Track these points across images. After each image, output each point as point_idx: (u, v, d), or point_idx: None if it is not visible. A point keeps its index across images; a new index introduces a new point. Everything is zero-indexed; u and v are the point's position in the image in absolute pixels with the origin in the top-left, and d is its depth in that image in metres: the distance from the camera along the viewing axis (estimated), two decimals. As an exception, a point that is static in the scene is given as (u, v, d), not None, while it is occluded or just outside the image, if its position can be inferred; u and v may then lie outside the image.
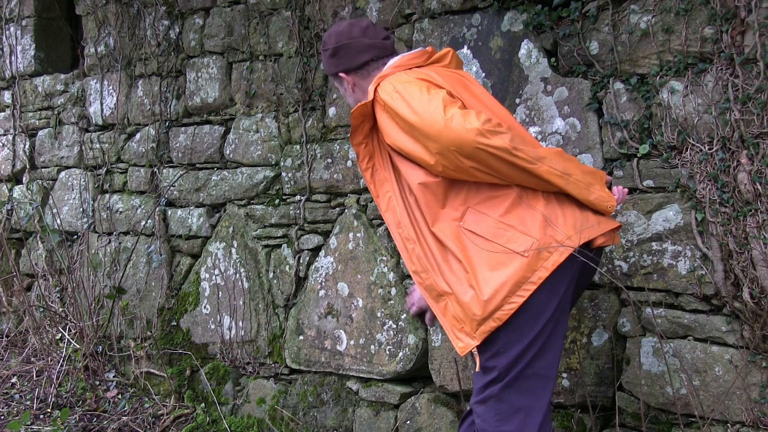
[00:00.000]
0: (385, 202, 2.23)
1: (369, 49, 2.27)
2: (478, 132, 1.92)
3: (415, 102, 2.00)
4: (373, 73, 2.26)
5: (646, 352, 2.51)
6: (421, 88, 2.03)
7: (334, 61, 2.31)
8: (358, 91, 2.32)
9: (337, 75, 2.33)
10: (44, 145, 4.68)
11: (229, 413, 3.65)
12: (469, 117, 1.94)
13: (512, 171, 2.00)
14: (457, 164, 1.98)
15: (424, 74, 2.13)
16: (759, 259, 2.26)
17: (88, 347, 4.10)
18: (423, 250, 2.13)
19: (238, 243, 3.64)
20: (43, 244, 4.65)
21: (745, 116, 2.29)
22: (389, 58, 2.28)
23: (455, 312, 2.05)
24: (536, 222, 2.01)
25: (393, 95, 2.04)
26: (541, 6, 2.69)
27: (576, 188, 2.05)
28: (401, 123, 2.04)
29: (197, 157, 3.83)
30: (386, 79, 2.13)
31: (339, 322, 3.27)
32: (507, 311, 1.97)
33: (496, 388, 2.03)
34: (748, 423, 2.32)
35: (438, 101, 1.98)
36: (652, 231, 2.49)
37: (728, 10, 2.30)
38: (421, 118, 1.97)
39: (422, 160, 2.04)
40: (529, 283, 1.97)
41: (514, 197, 2.05)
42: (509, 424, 2.02)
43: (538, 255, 1.97)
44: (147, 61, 4.04)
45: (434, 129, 1.95)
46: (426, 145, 2.00)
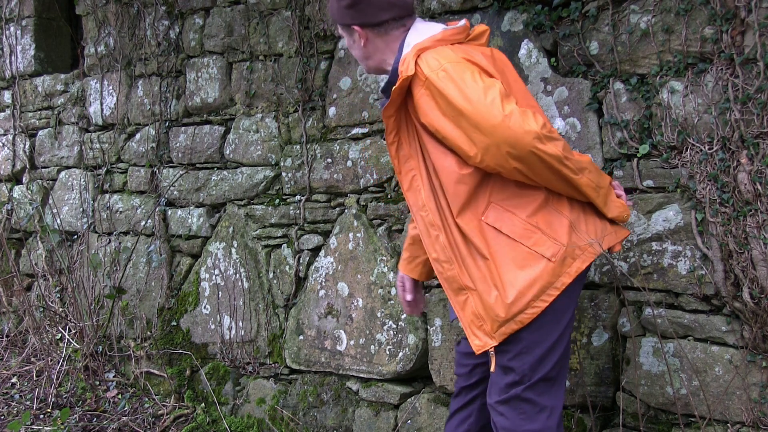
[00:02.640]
0: (408, 180, 2.13)
1: (392, 7, 2.12)
2: (537, 136, 1.85)
3: (469, 88, 1.89)
4: (391, 33, 2.14)
5: (646, 352, 2.51)
6: (473, 73, 1.92)
7: (350, 12, 2.13)
8: (369, 47, 2.18)
9: (349, 26, 2.16)
10: (44, 145, 4.68)
11: (229, 413, 3.65)
12: (528, 118, 1.87)
13: (553, 177, 1.95)
14: (501, 162, 1.90)
15: (470, 55, 2.00)
16: (759, 259, 2.26)
17: (88, 347, 4.10)
18: (448, 239, 2.05)
19: (238, 243, 3.64)
20: (43, 244, 4.65)
21: (745, 116, 2.29)
22: (408, 18, 2.16)
23: (476, 309, 2.02)
24: (563, 227, 1.99)
25: (439, 73, 1.92)
26: (541, 6, 2.69)
27: (601, 201, 2.04)
28: (445, 105, 1.92)
29: (197, 157, 3.83)
30: (428, 52, 1.99)
31: (339, 322, 3.27)
32: (530, 315, 1.96)
33: (520, 388, 2.02)
34: (748, 423, 2.32)
35: (495, 93, 1.88)
36: (652, 231, 2.49)
37: (728, 10, 2.30)
38: (475, 108, 1.87)
39: (460, 148, 1.95)
40: (553, 288, 1.96)
41: (542, 200, 2.00)
42: (534, 423, 2.03)
43: (563, 261, 1.97)
44: (147, 61, 4.04)
45: (489, 123, 1.86)
46: (471, 135, 1.90)
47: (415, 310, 2.58)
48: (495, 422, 2.10)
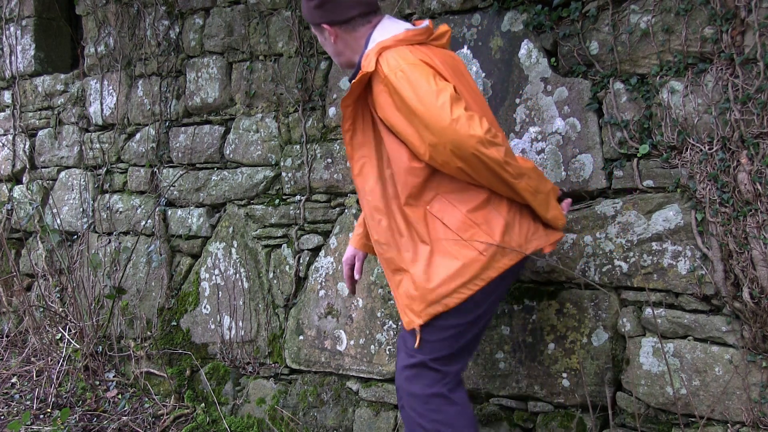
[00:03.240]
0: (358, 166, 2.29)
1: (358, 5, 2.27)
2: (480, 140, 2.02)
3: (422, 90, 2.04)
4: (358, 29, 2.29)
5: (646, 352, 2.51)
6: (428, 76, 2.06)
7: (319, 12, 2.29)
8: (339, 43, 2.33)
9: (319, 25, 2.32)
10: (44, 145, 4.68)
11: (229, 413, 3.65)
12: (473, 122, 2.02)
13: (494, 179, 2.12)
14: (446, 161, 2.08)
15: (428, 57, 2.15)
16: (759, 259, 2.26)
17: (88, 347, 4.10)
18: (390, 224, 2.23)
19: (238, 243, 3.64)
20: (43, 244, 4.65)
21: (745, 116, 2.29)
22: (374, 15, 2.30)
23: (408, 290, 2.20)
24: (499, 226, 2.17)
25: (398, 74, 2.07)
26: (541, 6, 2.69)
27: (540, 205, 2.22)
28: (400, 103, 2.08)
29: (197, 157, 3.83)
30: (389, 52, 2.13)
31: (339, 322, 3.27)
32: (455, 300, 2.15)
33: (427, 358, 2.24)
34: (748, 423, 2.32)
35: (446, 97, 2.03)
36: (652, 231, 2.49)
37: (728, 10, 2.30)
38: (427, 109, 2.02)
39: (412, 143, 2.12)
40: (479, 279, 2.15)
41: (484, 198, 2.18)
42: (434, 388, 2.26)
43: (493, 257, 2.15)
44: (147, 61, 4.04)
45: (438, 124, 2.02)
46: (422, 133, 2.06)
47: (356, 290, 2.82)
48: (398, 385, 2.32)
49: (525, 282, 2.78)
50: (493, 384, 2.83)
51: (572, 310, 2.66)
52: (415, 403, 2.30)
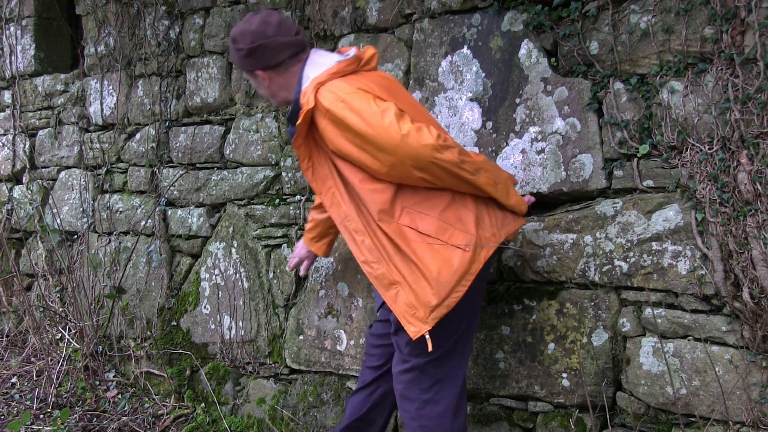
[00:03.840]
0: (329, 198, 2.35)
1: (286, 48, 2.34)
2: (433, 147, 2.11)
3: (367, 114, 2.12)
4: (290, 69, 2.36)
5: (646, 352, 2.51)
6: (369, 101, 2.15)
7: (249, 60, 2.36)
8: (274, 85, 2.41)
9: (252, 72, 2.40)
10: (44, 145, 4.68)
11: (229, 413, 3.65)
12: (422, 132, 2.11)
13: (454, 180, 2.21)
14: (406, 174, 2.16)
15: (363, 83, 2.23)
16: (759, 259, 2.26)
17: (88, 347, 4.10)
18: (373, 241, 2.26)
19: (238, 243, 3.64)
20: (43, 243, 4.65)
21: (745, 116, 2.29)
22: (303, 52, 2.37)
23: (408, 299, 2.22)
24: (470, 221, 2.25)
25: (338, 104, 2.15)
26: (541, 6, 2.69)
27: (501, 194, 2.31)
28: (349, 133, 2.16)
29: (197, 156, 3.83)
30: (325, 86, 2.21)
31: (339, 322, 3.27)
32: (455, 298, 2.20)
33: (422, 360, 2.29)
34: (749, 423, 2.32)
35: (391, 115, 2.11)
36: (652, 231, 2.49)
37: (728, 10, 2.30)
38: (376, 131, 2.10)
39: (369, 167, 2.19)
40: (469, 274, 2.21)
41: (448, 199, 2.26)
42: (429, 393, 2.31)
43: (475, 250, 2.22)
44: (147, 61, 4.04)
45: (390, 143, 2.10)
46: (376, 155, 2.14)
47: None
48: (396, 389, 2.37)
49: (525, 282, 2.79)
50: (493, 384, 2.83)
51: (572, 310, 2.66)
52: (409, 407, 2.34)
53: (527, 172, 2.75)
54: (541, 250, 2.72)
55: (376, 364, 2.70)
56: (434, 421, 2.32)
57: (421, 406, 2.32)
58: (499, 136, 2.82)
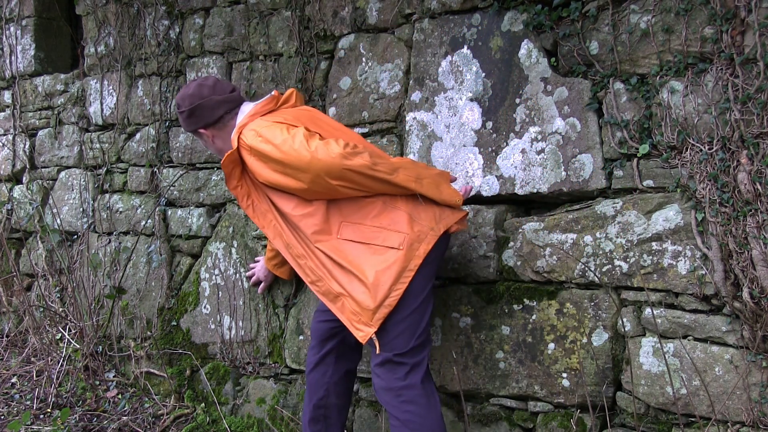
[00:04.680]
0: (271, 230, 2.54)
1: (221, 104, 2.62)
2: (342, 156, 2.28)
3: (279, 141, 2.33)
4: (228, 123, 2.63)
5: (646, 352, 2.51)
6: (281, 129, 2.37)
7: (192, 120, 2.65)
8: (217, 141, 2.68)
9: (196, 131, 2.67)
10: (44, 145, 4.68)
11: (229, 413, 3.65)
12: (330, 145, 2.29)
13: (375, 183, 2.35)
14: (327, 187, 2.32)
15: (279, 117, 2.46)
16: (759, 259, 2.26)
17: (88, 347, 4.10)
18: (314, 262, 2.45)
19: (238, 243, 3.64)
20: (43, 243, 4.65)
21: (745, 116, 2.29)
22: (238, 107, 2.64)
23: (352, 307, 2.38)
24: (403, 220, 2.38)
25: (257, 139, 2.38)
26: (541, 6, 2.69)
27: (429, 189, 2.43)
28: (269, 162, 2.37)
29: (197, 157, 3.83)
30: (246, 127, 2.45)
31: (339, 322, 3.27)
32: (395, 297, 2.33)
33: (392, 354, 2.41)
34: (748, 423, 2.33)
35: (300, 137, 2.32)
36: (652, 231, 2.49)
37: (728, 10, 2.30)
38: (288, 155, 2.31)
39: (293, 189, 2.38)
40: (408, 271, 2.34)
41: (380, 205, 2.41)
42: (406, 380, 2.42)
43: (411, 247, 2.35)
44: (147, 61, 4.04)
45: (303, 162, 2.29)
46: (296, 176, 2.33)
47: None
48: (374, 383, 2.48)
49: (525, 282, 2.79)
50: (493, 384, 2.83)
51: (572, 309, 2.66)
52: (389, 397, 2.43)
53: (527, 172, 2.75)
54: (541, 249, 2.72)
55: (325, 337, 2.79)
56: (415, 404, 2.40)
57: (400, 393, 2.41)
58: (499, 136, 2.82)
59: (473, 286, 2.88)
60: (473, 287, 2.88)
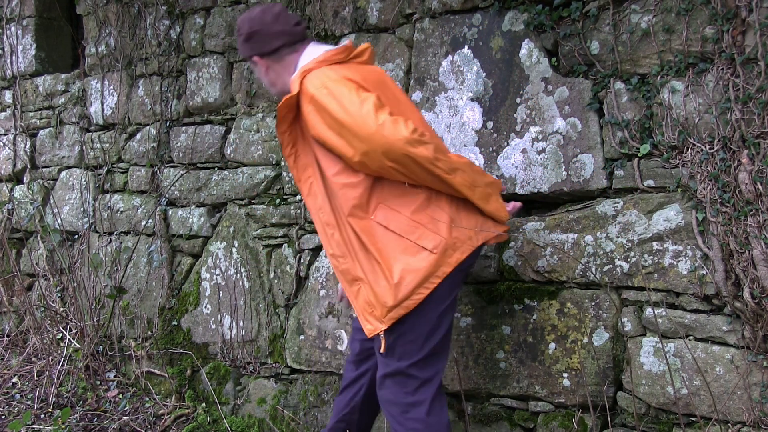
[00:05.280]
0: (306, 187, 2.39)
1: (280, 36, 2.40)
2: (407, 141, 2.11)
3: (346, 101, 2.15)
4: (286, 58, 2.42)
5: (646, 352, 2.51)
6: (350, 89, 2.18)
7: (248, 45, 2.45)
8: (271, 73, 2.47)
9: (251, 58, 2.47)
10: (45, 145, 4.68)
11: (229, 413, 3.65)
12: (398, 125, 2.13)
13: (429, 177, 2.20)
14: (379, 164, 2.16)
15: (349, 73, 2.26)
16: (760, 258, 2.26)
17: (88, 347, 4.10)
18: (342, 236, 2.30)
19: (239, 243, 3.64)
20: (44, 243, 4.65)
21: (745, 116, 2.29)
22: (300, 44, 2.43)
23: (367, 297, 2.26)
24: (444, 222, 2.25)
25: (322, 90, 2.18)
26: (542, 6, 2.69)
27: (479, 199, 2.29)
28: (328, 118, 2.18)
29: (198, 156, 3.83)
30: (312, 73, 2.26)
31: (340, 321, 3.27)
32: (414, 300, 2.21)
33: (404, 364, 2.29)
34: (749, 423, 2.32)
35: (370, 105, 2.14)
36: (653, 231, 2.49)
37: (729, 9, 2.30)
38: (353, 119, 2.13)
39: (344, 154, 2.20)
40: (434, 277, 2.22)
41: (424, 198, 2.26)
42: (414, 396, 2.31)
43: (444, 252, 2.23)
44: (148, 61, 4.04)
45: (365, 131, 2.12)
46: (352, 142, 2.16)
47: None
48: (379, 395, 2.37)
49: (526, 282, 2.79)
50: (493, 384, 2.83)
51: (573, 309, 2.66)
52: (394, 410, 2.33)
53: (528, 172, 2.75)
54: (542, 249, 2.72)
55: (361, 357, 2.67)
56: (421, 423, 2.30)
57: (406, 409, 2.31)
58: (500, 136, 2.82)
59: (474, 286, 2.88)
60: (474, 287, 2.88)
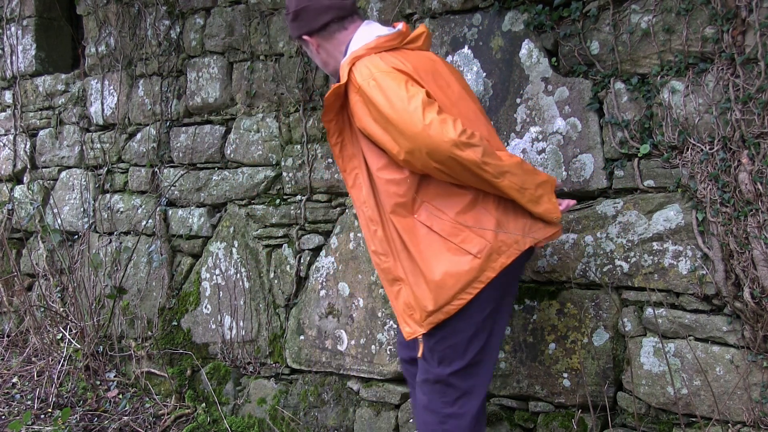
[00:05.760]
0: (352, 177, 2.30)
1: (328, 10, 2.28)
2: (454, 143, 2.00)
3: (394, 96, 2.04)
4: (336, 35, 2.30)
5: (646, 352, 2.51)
6: (399, 83, 2.06)
7: (296, 24, 2.33)
8: (322, 53, 2.36)
9: (300, 38, 2.36)
10: (45, 145, 4.68)
11: (229, 413, 3.65)
12: (446, 126, 2.01)
13: (475, 180, 2.10)
14: (424, 164, 2.06)
15: (401, 63, 2.14)
16: (760, 258, 2.26)
17: (88, 347, 4.10)
18: (385, 233, 2.21)
19: (239, 243, 3.64)
20: (44, 243, 4.65)
21: (745, 116, 2.29)
22: (349, 19, 2.31)
23: (407, 299, 2.19)
24: (490, 225, 2.13)
25: (370, 82, 2.08)
26: (542, 6, 2.69)
27: (528, 201, 2.15)
28: (374, 112, 2.09)
29: (198, 156, 3.83)
30: (361, 60, 2.15)
31: (340, 322, 3.27)
32: (456, 306, 2.12)
33: (444, 372, 2.19)
34: (749, 423, 2.32)
35: (418, 102, 2.02)
36: (653, 231, 2.49)
37: (729, 9, 2.30)
38: (399, 115, 2.02)
39: (389, 150, 2.11)
40: (478, 282, 2.12)
41: (470, 199, 2.15)
42: (453, 407, 2.20)
43: (489, 257, 2.11)
44: (148, 61, 4.04)
45: (411, 130, 2.01)
46: (397, 139, 2.06)
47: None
48: (418, 399, 2.28)
49: (526, 282, 2.78)
50: (493, 384, 2.83)
51: (573, 310, 2.66)
52: (430, 419, 2.23)
53: (528, 172, 2.75)
54: (541, 250, 2.72)
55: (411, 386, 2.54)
56: None
57: (444, 420, 2.20)
58: (500, 136, 2.82)
59: (474, 286, 2.88)
60: (474, 287, 2.88)
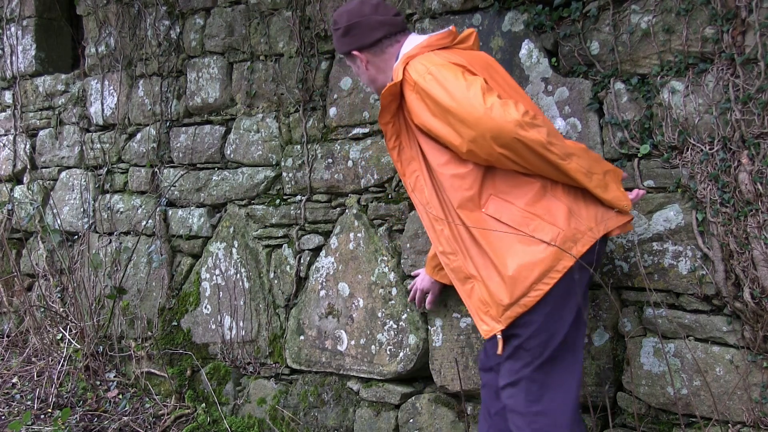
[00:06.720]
0: (412, 181, 2.27)
1: (381, 26, 2.28)
2: (518, 123, 1.96)
3: (452, 87, 2.02)
4: (387, 51, 2.31)
5: (646, 352, 2.51)
6: (456, 73, 2.05)
7: (346, 39, 2.32)
8: (371, 69, 2.35)
9: (350, 53, 2.35)
10: (45, 145, 4.68)
11: (229, 413, 3.65)
12: (508, 107, 1.97)
13: (542, 163, 2.04)
14: (489, 152, 2.02)
15: (455, 58, 2.14)
16: (760, 259, 2.26)
17: (88, 347, 4.10)
18: (452, 231, 2.17)
19: (239, 243, 3.64)
20: (44, 244, 4.65)
21: (745, 116, 2.29)
22: (401, 34, 2.32)
23: (481, 296, 2.12)
24: (561, 213, 2.07)
25: (426, 77, 2.06)
26: (542, 6, 2.69)
27: (596, 186, 2.09)
28: (433, 105, 2.06)
29: (198, 157, 3.83)
30: (416, 59, 2.14)
31: (340, 322, 3.27)
32: (533, 297, 2.04)
33: (528, 370, 2.10)
34: (749, 423, 2.32)
35: (477, 88, 2.00)
36: (653, 231, 2.49)
37: (729, 10, 2.30)
38: (459, 104, 2.00)
39: (451, 143, 2.08)
40: (554, 271, 2.03)
41: (538, 187, 2.10)
42: (539, 404, 2.11)
43: (564, 245, 2.04)
44: (148, 61, 4.04)
45: (473, 116, 1.98)
46: (459, 130, 2.02)
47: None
48: (505, 405, 2.18)
49: (526, 282, 2.78)
50: (493, 384, 2.83)
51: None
52: (520, 422, 2.14)
53: (528, 172, 2.75)
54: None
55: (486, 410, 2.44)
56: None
57: (534, 420, 2.11)
58: (500, 136, 2.81)
59: (474, 286, 2.88)
60: (474, 287, 2.88)
